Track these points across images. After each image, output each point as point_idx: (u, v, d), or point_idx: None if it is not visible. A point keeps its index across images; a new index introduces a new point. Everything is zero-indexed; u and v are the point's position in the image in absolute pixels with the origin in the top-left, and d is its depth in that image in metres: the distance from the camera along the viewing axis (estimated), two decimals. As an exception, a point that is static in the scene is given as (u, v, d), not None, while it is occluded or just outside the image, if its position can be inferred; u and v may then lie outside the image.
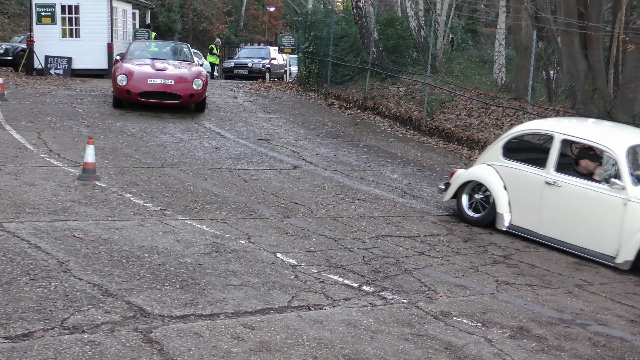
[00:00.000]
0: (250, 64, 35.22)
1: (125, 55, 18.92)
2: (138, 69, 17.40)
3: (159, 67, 17.62)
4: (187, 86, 17.18)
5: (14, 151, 11.86)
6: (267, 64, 35.49)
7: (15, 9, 43.16)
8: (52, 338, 5.07)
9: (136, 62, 18.06)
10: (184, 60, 19.24)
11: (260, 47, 41.52)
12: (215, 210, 9.49)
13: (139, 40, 19.57)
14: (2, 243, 7.11)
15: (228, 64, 36.48)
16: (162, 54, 19.51)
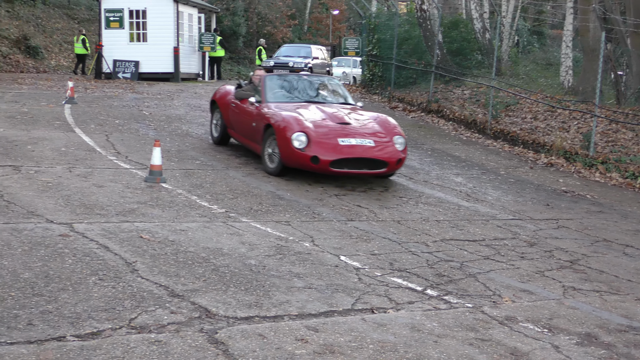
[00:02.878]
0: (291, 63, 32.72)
1: (264, 95, 12.83)
2: (315, 122, 11.66)
3: (339, 117, 12.06)
4: (391, 148, 11.70)
5: (83, 153, 12.10)
6: (309, 64, 33.20)
7: (85, 14, 44.02)
8: (120, 337, 5.16)
9: (289, 107, 12.37)
10: (345, 102, 13.58)
11: (301, 45, 38.94)
12: (279, 212, 9.54)
13: (273, 75, 13.50)
14: (71, 243, 7.26)
15: (267, 63, 34.09)
16: (314, 93, 13.61)
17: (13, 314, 5.39)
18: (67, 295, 5.87)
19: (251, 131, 12.57)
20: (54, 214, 8.33)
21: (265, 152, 11.89)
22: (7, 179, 9.82)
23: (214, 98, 14.57)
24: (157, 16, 28.30)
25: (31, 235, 7.43)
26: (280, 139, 11.37)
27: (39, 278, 6.21)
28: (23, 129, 13.99)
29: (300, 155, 11.16)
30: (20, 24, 37.40)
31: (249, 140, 12.80)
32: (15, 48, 35.23)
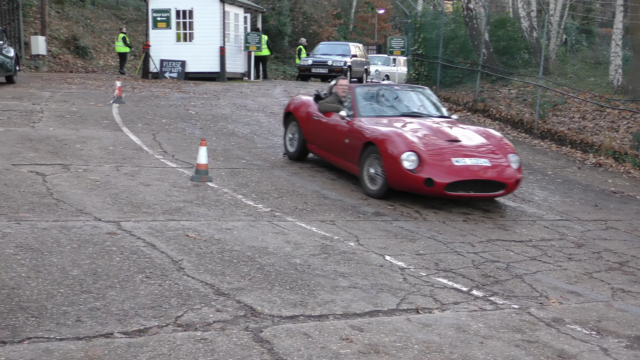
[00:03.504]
0: (330, 62, 32.78)
1: (356, 108, 11.67)
2: (423, 140, 10.56)
3: (445, 133, 10.97)
4: (507, 167, 10.64)
5: (130, 152, 12.23)
6: (347, 62, 33.07)
7: (132, 14, 44.50)
8: (166, 335, 5.20)
9: (385, 121, 11.29)
10: (442, 115, 12.32)
11: (338, 43, 38.28)
12: (324, 212, 9.55)
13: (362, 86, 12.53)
14: (119, 241, 7.34)
15: (305, 61, 33.83)
16: (408, 105, 12.32)
17: (62, 311, 5.47)
18: (114, 293, 5.94)
19: (343, 148, 11.44)
20: (102, 212, 8.43)
21: (365, 172, 10.78)
22: (57, 177, 9.97)
23: (290, 110, 13.39)
24: (204, 16, 28.47)
25: (80, 233, 7.53)
26: (387, 159, 10.30)
27: (87, 275, 6.30)
28: (72, 128, 14.18)
29: (411, 177, 10.11)
30: (69, 25, 37.93)
31: (339, 158, 11.64)
32: (65, 48, 35.75)
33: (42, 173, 10.11)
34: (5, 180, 9.55)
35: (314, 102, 12.82)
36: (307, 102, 13.11)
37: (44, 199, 8.82)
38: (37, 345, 4.86)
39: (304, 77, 33.13)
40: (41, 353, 4.74)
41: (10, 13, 31.90)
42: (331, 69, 32.19)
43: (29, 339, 4.94)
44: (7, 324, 5.16)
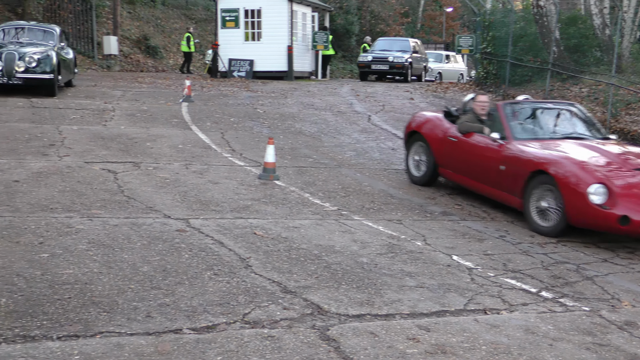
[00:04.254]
0: (391, 58, 30.57)
1: (508, 129, 10.21)
2: (606, 169, 9.15)
3: (623, 159, 9.58)
4: None
5: (199, 150, 12.38)
6: (409, 59, 30.95)
7: (202, 14, 45.01)
8: (234, 331, 5.25)
9: (547, 145, 9.85)
10: (604, 136, 10.72)
11: (398, 39, 35.89)
12: (391, 211, 9.52)
13: (510, 104, 11.05)
14: (188, 239, 7.44)
15: (364, 57, 31.61)
16: (565, 125, 10.91)
17: (133, 306, 5.56)
18: (183, 289, 6.02)
19: (495, 176, 10.01)
20: (172, 210, 8.55)
21: (534, 206, 9.35)
22: (128, 175, 10.14)
23: (415, 128, 11.85)
24: (272, 15, 28.62)
25: (150, 230, 7.65)
26: (568, 192, 8.87)
27: (157, 272, 6.39)
28: (142, 126, 14.41)
29: (600, 214, 8.63)
30: (140, 25, 38.55)
31: (489, 186, 10.21)
32: (136, 48, 36.34)
33: (114, 171, 10.30)
34: (78, 177, 9.76)
35: (446, 120, 11.39)
36: (436, 119, 11.63)
37: (115, 196, 8.98)
38: (109, 339, 4.96)
39: (363, 74, 31.29)
40: (112, 347, 4.83)
41: (84, 14, 32.57)
42: (392, 66, 30.53)
43: (101, 334, 5.04)
44: (80, 318, 5.27)
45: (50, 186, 9.20)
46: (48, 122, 14.07)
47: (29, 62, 16.85)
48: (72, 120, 14.53)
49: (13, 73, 16.73)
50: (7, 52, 16.88)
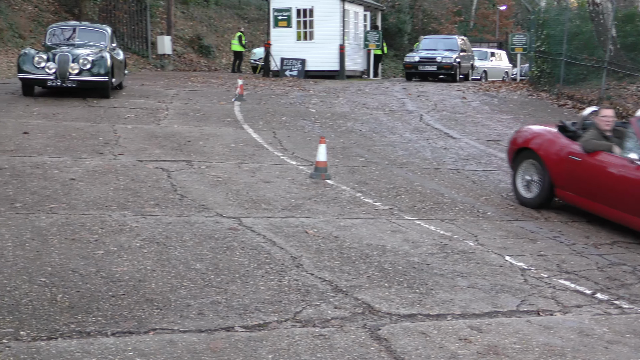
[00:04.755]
0: (439, 58, 29.38)
1: None
2: None
3: None
4: None
5: (251, 149, 12.45)
6: (457, 58, 29.83)
7: (254, 14, 45.28)
8: (285, 330, 5.27)
9: None
10: None
11: (443, 37, 34.76)
12: (443, 210, 9.47)
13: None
14: (240, 237, 7.48)
15: (411, 58, 30.32)
16: None
17: (185, 304, 5.62)
18: (235, 287, 6.06)
19: (635, 202, 8.77)
20: (224, 208, 8.62)
21: None
22: (181, 173, 10.24)
23: (524, 144, 10.58)
24: (324, 14, 28.66)
25: (202, 228, 7.71)
26: None
27: (209, 269, 6.45)
28: (195, 125, 14.54)
29: None
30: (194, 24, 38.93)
31: (626, 213, 8.93)
32: (189, 47, 36.71)
33: (167, 169, 10.41)
34: (132, 175, 9.88)
35: (563, 136, 10.15)
36: (551, 135, 10.35)
37: (168, 194, 9.08)
38: (162, 336, 5.01)
39: (409, 75, 30.11)
40: (165, 344, 4.88)
41: (139, 14, 33.00)
42: (440, 66, 29.36)
43: (154, 330, 5.10)
44: (134, 314, 5.34)
45: (105, 184, 9.34)
46: (103, 121, 14.28)
47: (83, 64, 16.45)
48: (126, 119, 14.72)
49: (67, 75, 16.32)
50: (61, 54, 16.50)
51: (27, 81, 16.53)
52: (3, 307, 5.29)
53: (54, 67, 16.26)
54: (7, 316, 5.15)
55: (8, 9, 28.49)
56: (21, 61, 16.37)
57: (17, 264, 6.24)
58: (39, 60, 16.24)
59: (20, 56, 16.64)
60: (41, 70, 16.27)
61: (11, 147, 11.16)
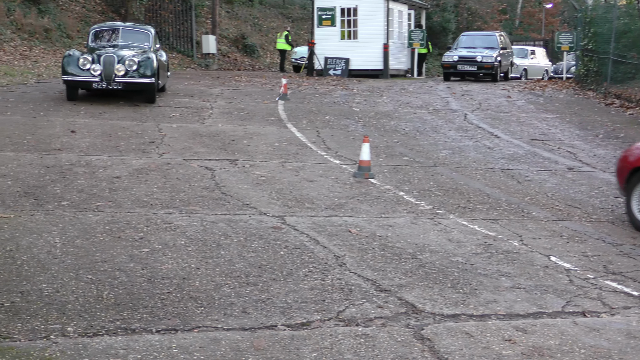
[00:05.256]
0: (479, 58, 27.52)
1: None
2: None
3: None
4: None
5: (295, 148, 12.48)
6: (498, 57, 27.92)
7: (298, 13, 45.39)
8: (328, 329, 5.28)
9: None
10: None
11: (483, 34, 32.29)
12: (487, 210, 9.41)
13: None
14: (283, 236, 7.51)
15: (449, 57, 28.46)
16: None
17: (229, 302, 5.65)
18: (278, 286, 6.09)
19: None
20: (267, 207, 8.65)
21: None
22: (225, 172, 10.30)
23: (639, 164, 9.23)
24: (368, 13, 28.62)
25: (246, 226, 7.75)
26: None
27: (252, 268, 6.48)
28: (239, 124, 14.61)
29: None
30: (238, 24, 39.14)
31: None
32: (234, 47, 36.91)
33: (211, 168, 10.48)
34: (177, 174, 9.97)
35: None
36: None
37: (212, 192, 9.14)
38: (206, 334, 5.05)
39: (448, 75, 28.33)
40: (209, 342, 4.92)
41: (184, 14, 33.27)
42: (480, 66, 27.57)
43: (198, 328, 5.14)
44: (178, 312, 5.39)
45: (150, 183, 9.43)
46: (148, 120, 14.42)
47: (129, 66, 15.78)
48: (171, 118, 14.84)
49: (112, 77, 15.65)
50: (106, 55, 15.85)
51: (72, 83, 15.93)
52: (51, 304, 5.38)
53: (99, 69, 15.65)
54: (54, 312, 5.23)
55: (56, 10, 28.90)
56: (65, 63, 15.78)
57: (65, 261, 6.33)
58: (84, 62, 15.66)
59: (64, 57, 16.04)
60: (86, 72, 15.68)
61: (59, 146, 11.32)
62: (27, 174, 9.42)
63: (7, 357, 4.52)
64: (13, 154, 10.52)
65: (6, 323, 5.00)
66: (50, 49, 26.13)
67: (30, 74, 21.40)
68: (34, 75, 21.22)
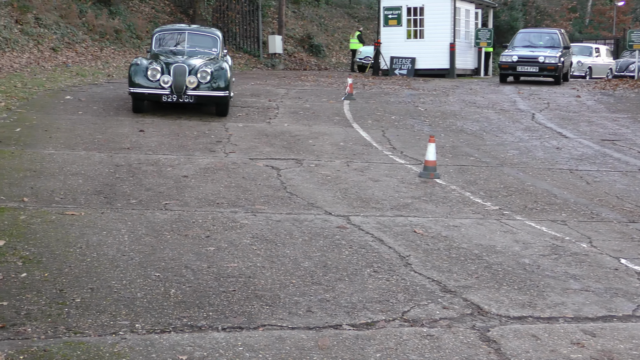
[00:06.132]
0: (541, 58, 24.74)
1: None
2: None
3: None
4: None
5: (360, 148, 12.48)
6: (561, 57, 25.05)
7: (364, 13, 45.38)
8: (393, 329, 5.26)
9: None
10: None
11: (543, 31, 29.41)
12: (555, 211, 9.27)
13: None
14: (348, 235, 7.51)
15: (508, 57, 25.48)
16: None
17: (294, 301, 5.68)
18: (343, 285, 6.09)
19: None
20: (332, 206, 8.67)
21: None
22: (290, 171, 10.35)
23: None
24: (434, 13, 28.46)
25: (311, 226, 7.78)
26: None
27: (317, 267, 6.50)
28: (305, 124, 14.67)
29: None
30: (304, 24, 39.29)
31: None
32: (300, 46, 37.07)
33: (277, 167, 10.55)
34: (243, 173, 10.05)
35: None
36: None
37: (278, 192, 9.19)
38: (271, 332, 5.08)
39: (504, 76, 25.80)
40: (274, 340, 4.94)
41: (251, 14, 33.56)
42: (543, 67, 24.86)
43: (264, 326, 5.17)
44: (244, 310, 5.43)
45: (216, 181, 9.53)
46: (215, 119, 14.56)
47: (202, 77, 14.32)
48: (237, 117, 14.97)
49: (183, 90, 14.21)
50: (177, 65, 14.39)
51: (139, 96, 14.54)
52: (119, 300, 5.47)
53: (170, 80, 14.21)
54: (123, 309, 5.32)
55: (127, 11, 29.41)
56: (133, 73, 14.38)
57: (133, 258, 6.44)
58: (154, 73, 14.23)
59: (131, 66, 14.62)
60: (155, 84, 14.27)
61: (128, 145, 11.52)
62: (97, 173, 9.61)
63: (77, 352, 4.62)
64: (84, 153, 10.74)
65: (77, 318, 5.11)
66: (120, 49, 26.61)
67: (101, 74, 21.82)
68: (105, 76, 21.63)
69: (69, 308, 5.28)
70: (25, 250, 6.43)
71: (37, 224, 7.24)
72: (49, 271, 5.98)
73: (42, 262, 6.18)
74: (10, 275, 5.84)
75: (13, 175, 9.15)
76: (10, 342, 4.70)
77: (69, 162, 10.04)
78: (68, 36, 24.52)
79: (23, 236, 6.83)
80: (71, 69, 21.27)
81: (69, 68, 21.34)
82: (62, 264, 6.16)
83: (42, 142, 11.24)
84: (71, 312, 5.22)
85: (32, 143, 11.12)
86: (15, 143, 11.01)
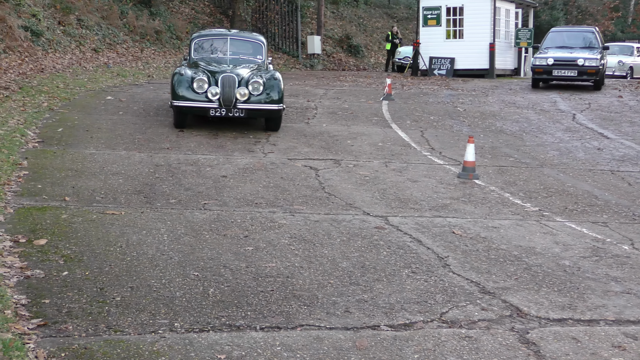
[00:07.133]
0: (580, 61, 21.91)
1: None
2: None
3: None
4: None
5: (398, 149, 12.45)
6: (602, 59, 22.54)
7: (403, 13, 45.25)
8: (431, 330, 5.25)
9: None
10: None
11: (579, 29, 26.37)
12: (595, 213, 9.17)
13: None
14: (386, 236, 7.50)
15: (542, 59, 22.56)
16: None
17: (332, 301, 5.68)
18: (381, 286, 6.08)
19: None
20: (370, 207, 8.66)
21: None
22: (329, 172, 10.36)
23: None
24: (474, 13, 28.27)
25: (349, 226, 7.78)
26: None
27: (355, 268, 6.50)
28: (343, 124, 14.66)
29: None
30: (343, 24, 39.26)
31: None
32: (338, 47, 37.05)
33: (315, 167, 10.56)
34: (281, 173, 10.08)
35: None
36: None
37: (316, 192, 9.21)
38: (309, 332, 5.09)
39: (537, 81, 22.83)
40: (312, 340, 4.95)
41: (290, 14, 33.61)
42: (582, 71, 22.00)
43: (301, 326, 5.19)
44: (282, 310, 5.45)
45: (255, 182, 9.57)
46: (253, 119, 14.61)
47: (254, 89, 12.87)
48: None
49: (233, 102, 12.72)
50: (225, 75, 12.89)
51: (184, 110, 12.94)
52: (159, 299, 5.52)
53: (217, 93, 12.75)
54: (162, 308, 5.37)
55: (167, 12, 29.63)
56: (176, 84, 12.91)
57: (172, 257, 6.49)
58: (200, 84, 12.80)
59: (174, 76, 13.18)
60: (202, 96, 12.80)
61: (167, 145, 11.60)
62: (138, 172, 9.69)
63: (117, 350, 4.67)
64: (124, 153, 10.84)
65: (117, 317, 5.17)
66: (160, 50, 26.80)
67: (141, 74, 22.00)
68: (145, 76, 21.80)
69: (109, 306, 5.34)
70: (67, 249, 6.52)
71: (78, 223, 7.32)
72: (90, 270, 6.05)
73: (83, 261, 6.25)
74: (52, 273, 5.91)
75: (55, 174, 9.26)
76: (52, 340, 4.76)
77: (110, 162, 10.14)
78: (109, 37, 24.76)
79: (64, 235, 6.91)
80: (112, 69, 21.48)
81: (110, 69, 21.55)
82: (102, 263, 6.23)
83: (83, 142, 11.37)
84: (111, 310, 5.28)
85: (73, 143, 11.25)
86: (58, 143, 11.14)
